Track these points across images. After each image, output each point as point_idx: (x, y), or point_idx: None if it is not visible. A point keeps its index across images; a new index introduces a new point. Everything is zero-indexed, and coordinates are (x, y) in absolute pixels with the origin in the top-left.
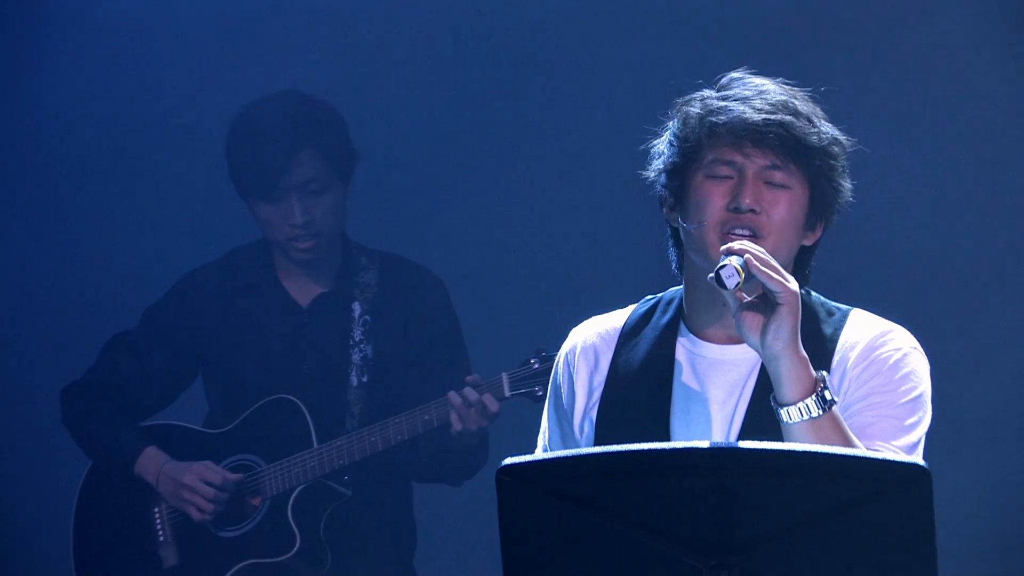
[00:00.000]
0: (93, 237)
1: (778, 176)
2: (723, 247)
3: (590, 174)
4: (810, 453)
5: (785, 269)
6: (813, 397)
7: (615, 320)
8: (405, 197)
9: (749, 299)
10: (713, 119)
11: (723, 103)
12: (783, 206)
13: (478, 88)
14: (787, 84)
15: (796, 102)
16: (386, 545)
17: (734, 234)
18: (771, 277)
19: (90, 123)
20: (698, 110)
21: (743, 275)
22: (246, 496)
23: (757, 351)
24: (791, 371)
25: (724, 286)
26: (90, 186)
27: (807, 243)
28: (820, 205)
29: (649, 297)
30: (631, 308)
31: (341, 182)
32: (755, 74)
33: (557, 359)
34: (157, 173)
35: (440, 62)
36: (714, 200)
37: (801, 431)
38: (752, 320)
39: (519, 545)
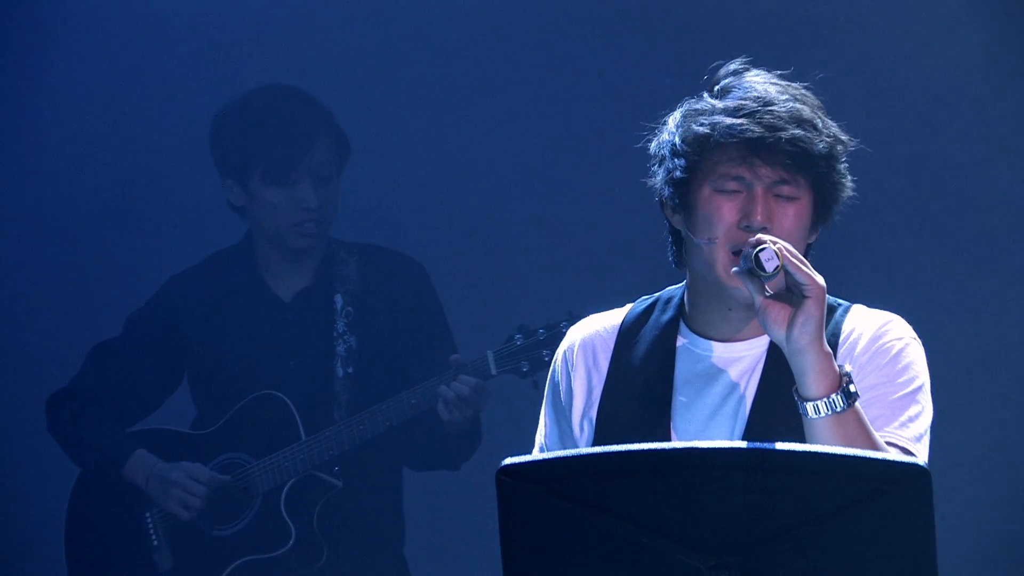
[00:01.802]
0: (92, 238)
1: (786, 189)
2: (753, 238)
3: (569, 154)
4: (810, 453)
5: None
6: (839, 392)
7: (613, 318)
8: (382, 180)
9: (772, 292)
10: (721, 138)
11: (730, 119)
12: (792, 218)
13: (460, 73)
14: (786, 81)
15: (801, 108)
16: (376, 534)
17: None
18: (800, 269)
19: (81, 132)
20: (706, 128)
21: (781, 261)
22: (237, 494)
23: (781, 345)
24: (817, 365)
25: (763, 269)
26: (87, 192)
27: (809, 241)
28: (824, 207)
29: (645, 297)
30: (629, 307)
31: (338, 174)
32: (750, 64)
33: (555, 357)
34: (149, 179)
35: (423, 51)
36: (724, 216)
37: (825, 426)
38: (778, 313)
39: (519, 545)
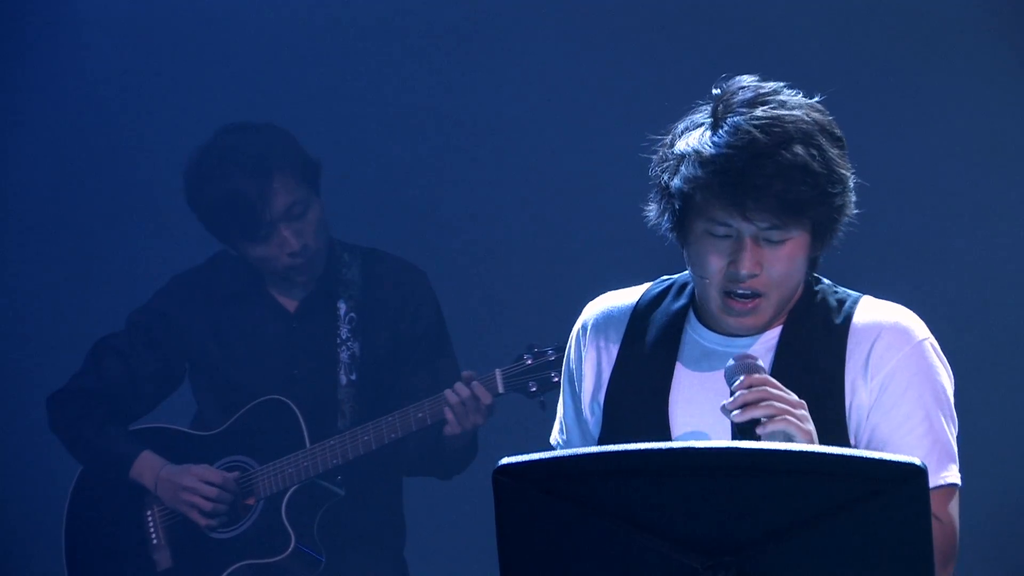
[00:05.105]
0: (91, 240)
1: (776, 234)
2: (744, 406)
3: (580, 166)
4: (809, 453)
5: (793, 295)
6: None
7: (628, 298)
8: (393, 191)
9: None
10: (710, 195)
11: (714, 178)
12: (782, 262)
13: (466, 78)
14: (782, 101)
15: (794, 152)
16: (377, 539)
17: (735, 296)
18: (779, 420)
19: (84, 128)
20: (691, 185)
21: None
22: (240, 497)
23: None
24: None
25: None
26: (87, 191)
27: (814, 255)
28: (823, 236)
29: (665, 277)
30: (646, 286)
31: (315, 194)
32: (739, 85)
33: (571, 335)
34: (149, 178)
35: (426, 54)
36: (713, 260)
37: None
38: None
39: (516, 545)
